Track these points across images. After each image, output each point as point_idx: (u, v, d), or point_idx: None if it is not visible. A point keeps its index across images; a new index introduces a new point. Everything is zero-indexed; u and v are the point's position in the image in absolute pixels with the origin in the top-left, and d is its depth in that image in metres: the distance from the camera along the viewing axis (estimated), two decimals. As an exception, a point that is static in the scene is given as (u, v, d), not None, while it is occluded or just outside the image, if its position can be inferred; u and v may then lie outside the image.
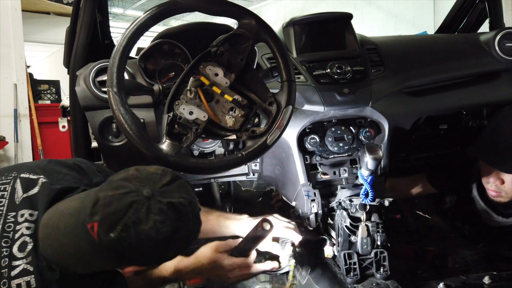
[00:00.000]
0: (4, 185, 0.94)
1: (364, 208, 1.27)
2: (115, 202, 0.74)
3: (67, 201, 0.87)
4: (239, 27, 1.13)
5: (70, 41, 1.57)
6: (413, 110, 1.51)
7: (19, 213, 0.88)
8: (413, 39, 1.83)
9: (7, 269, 0.81)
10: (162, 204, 0.76)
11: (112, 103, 1.02)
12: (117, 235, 0.73)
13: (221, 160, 1.08)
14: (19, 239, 0.84)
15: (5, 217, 0.87)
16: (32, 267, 0.82)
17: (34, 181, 0.94)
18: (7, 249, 0.83)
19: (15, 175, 0.95)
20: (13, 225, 0.86)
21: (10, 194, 0.91)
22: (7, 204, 0.90)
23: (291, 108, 1.10)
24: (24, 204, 0.89)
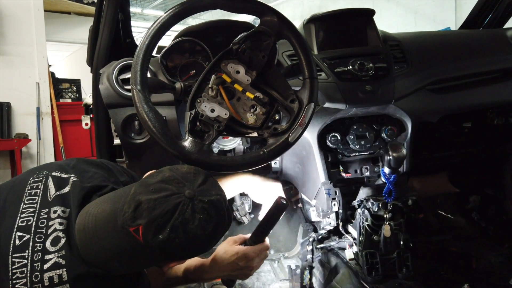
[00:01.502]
0: (36, 183, 0.96)
1: (386, 207, 1.25)
2: (160, 205, 0.78)
3: (98, 204, 0.88)
4: (261, 24, 1.12)
5: (93, 40, 1.60)
6: (437, 108, 1.48)
7: (52, 209, 0.90)
8: (436, 35, 1.78)
9: (39, 263, 0.83)
10: (203, 203, 0.81)
11: (136, 100, 1.03)
12: (166, 236, 0.77)
13: (243, 157, 1.08)
14: (52, 234, 0.86)
15: (38, 213, 0.90)
16: (64, 261, 0.83)
17: (65, 180, 0.97)
18: (40, 244, 0.85)
19: (47, 173, 0.98)
20: (46, 221, 0.88)
21: (42, 191, 0.94)
22: (40, 201, 0.92)
23: (314, 106, 1.09)
24: (56, 201, 0.91)
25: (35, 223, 0.88)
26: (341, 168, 1.43)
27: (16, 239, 0.85)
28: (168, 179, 0.83)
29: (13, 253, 0.84)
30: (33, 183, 0.97)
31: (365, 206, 1.32)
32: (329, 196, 1.36)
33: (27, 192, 0.94)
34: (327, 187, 1.38)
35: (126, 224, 0.78)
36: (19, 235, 0.86)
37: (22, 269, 0.82)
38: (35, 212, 0.90)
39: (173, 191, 0.80)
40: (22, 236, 0.86)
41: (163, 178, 0.84)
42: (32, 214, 0.90)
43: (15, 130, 4.30)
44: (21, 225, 0.88)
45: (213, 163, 1.05)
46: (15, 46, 4.32)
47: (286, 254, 2.08)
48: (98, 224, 0.84)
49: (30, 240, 0.85)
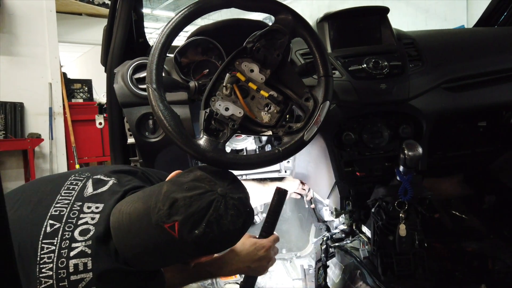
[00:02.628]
0: (76, 181, 1.02)
1: (402, 207, 1.23)
2: (196, 202, 0.83)
3: (129, 203, 0.92)
4: (276, 23, 1.12)
5: (107, 40, 1.61)
6: (452, 106, 1.46)
7: (86, 204, 0.94)
8: (451, 33, 1.76)
9: (66, 250, 0.86)
10: (234, 200, 0.88)
11: (152, 99, 1.03)
12: (201, 231, 0.82)
13: (258, 156, 1.07)
14: (82, 225, 0.90)
15: (71, 205, 0.94)
16: (90, 250, 0.86)
17: (104, 182, 1.01)
18: (69, 232, 0.88)
19: (88, 175, 1.03)
20: (78, 212, 0.92)
21: (80, 188, 0.98)
22: (76, 195, 0.96)
23: (329, 104, 1.08)
24: (92, 198, 0.96)
25: (67, 214, 0.92)
26: (355, 167, 1.42)
27: (48, 226, 0.89)
28: (201, 178, 0.89)
29: (43, 239, 0.87)
30: (73, 180, 1.02)
31: (380, 205, 1.31)
32: (342, 195, 1.36)
33: (65, 186, 0.99)
34: (341, 186, 1.37)
35: (161, 221, 0.83)
36: (50, 223, 0.90)
37: (49, 254, 0.86)
38: (69, 204, 0.94)
39: (207, 189, 0.86)
40: (53, 224, 0.90)
41: (195, 177, 0.89)
42: (66, 205, 0.94)
43: (28, 130, 4.35)
44: (54, 214, 0.91)
45: (228, 162, 1.05)
46: (28, 47, 4.37)
47: (299, 253, 2.08)
48: (133, 222, 0.87)
49: (60, 228, 0.89)
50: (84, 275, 0.84)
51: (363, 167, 1.44)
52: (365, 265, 1.41)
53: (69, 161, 4.71)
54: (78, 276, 0.84)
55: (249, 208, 0.92)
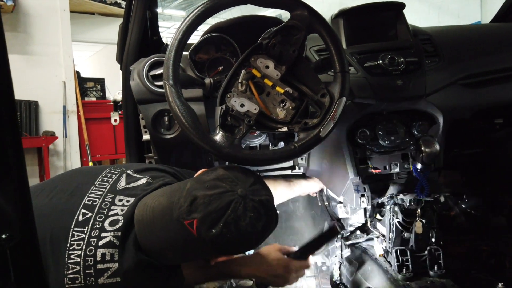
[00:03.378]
0: (111, 174, 1.05)
1: (419, 204, 1.22)
2: (215, 201, 0.83)
3: (155, 197, 0.93)
4: (291, 18, 1.12)
5: (123, 38, 1.62)
6: (470, 103, 1.44)
7: (118, 197, 0.96)
8: (468, 29, 1.74)
9: (96, 239, 0.88)
10: (254, 202, 0.86)
11: (169, 95, 1.04)
12: (218, 231, 0.82)
13: (274, 152, 1.08)
14: (112, 216, 0.92)
15: (104, 197, 0.96)
16: (117, 241, 0.88)
17: (137, 178, 1.04)
18: (99, 223, 0.91)
19: (122, 170, 1.06)
20: (109, 204, 0.95)
21: (113, 181, 1.01)
22: (109, 187, 0.99)
23: (345, 100, 1.08)
24: (124, 192, 0.98)
25: (99, 204, 0.94)
26: (370, 164, 1.41)
27: (80, 215, 0.92)
28: (223, 177, 0.88)
29: (75, 226, 0.90)
30: (108, 173, 1.05)
31: (396, 202, 1.30)
32: (358, 193, 1.35)
33: (100, 178, 1.02)
34: (356, 183, 1.36)
35: (182, 217, 0.83)
36: (83, 212, 0.92)
37: (79, 242, 0.88)
38: (102, 195, 0.97)
39: (227, 188, 0.85)
40: (86, 213, 0.92)
41: (217, 176, 0.89)
42: (98, 196, 0.96)
43: (43, 128, 4.42)
44: (87, 203, 0.94)
45: (244, 157, 1.06)
46: (42, 46, 4.43)
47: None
48: (155, 216, 0.88)
49: (92, 217, 0.91)
50: (110, 265, 0.86)
51: (378, 164, 1.43)
52: (380, 262, 1.40)
53: (83, 158, 4.77)
54: (105, 265, 0.85)
55: (271, 212, 0.90)
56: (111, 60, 1.91)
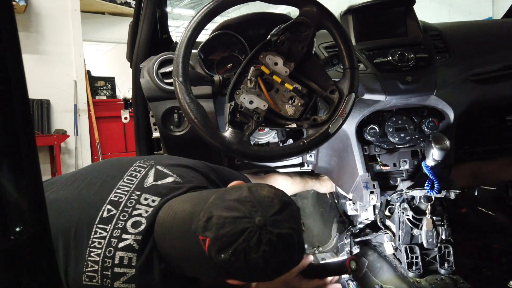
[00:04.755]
0: (140, 168, 1.03)
1: (429, 200, 1.22)
2: (228, 225, 0.77)
3: (181, 202, 0.90)
4: (300, 15, 1.12)
5: (133, 36, 1.64)
6: (481, 99, 1.43)
7: (144, 195, 0.94)
8: (479, 24, 1.72)
9: (116, 240, 0.87)
10: (272, 235, 0.76)
11: (178, 92, 1.05)
12: (227, 258, 0.76)
13: (283, 148, 1.08)
14: (135, 217, 0.90)
15: (130, 194, 0.95)
16: (137, 246, 0.86)
17: (166, 174, 1.01)
18: (122, 222, 0.89)
19: (152, 163, 1.04)
20: (134, 202, 0.93)
21: (141, 177, 0.99)
22: (136, 184, 0.97)
23: (354, 96, 1.07)
24: (150, 189, 0.96)
25: (124, 202, 0.93)
26: (379, 161, 1.40)
27: (105, 211, 0.91)
28: (244, 199, 0.80)
29: (98, 223, 0.89)
30: (137, 166, 1.03)
31: (405, 199, 1.29)
32: (367, 190, 1.34)
33: (129, 172, 1.01)
34: (365, 180, 1.36)
35: (197, 231, 0.79)
36: (108, 208, 0.91)
37: (100, 240, 0.87)
38: (128, 192, 0.95)
39: (245, 214, 0.77)
40: (111, 209, 0.91)
41: (239, 197, 0.81)
42: (125, 192, 0.95)
43: (54, 126, 4.48)
44: (113, 199, 0.93)
45: (253, 154, 1.06)
46: (53, 46, 4.49)
47: (320, 248, 2.07)
48: (176, 222, 0.85)
49: (115, 215, 0.90)
50: (127, 270, 0.84)
51: (388, 160, 1.42)
52: (389, 259, 1.40)
53: (93, 156, 4.82)
54: (121, 269, 0.84)
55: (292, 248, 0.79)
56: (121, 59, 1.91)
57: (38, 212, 0.62)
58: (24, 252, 0.59)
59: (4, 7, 0.43)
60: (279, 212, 0.79)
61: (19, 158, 0.54)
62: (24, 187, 0.58)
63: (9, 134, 0.50)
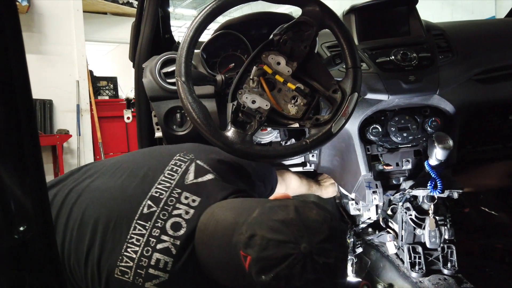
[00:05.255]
0: (180, 162, 1.02)
1: (432, 200, 1.21)
2: (272, 248, 0.72)
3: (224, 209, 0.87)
4: (303, 14, 1.12)
5: (136, 36, 1.64)
6: (484, 98, 1.42)
7: (184, 194, 0.94)
8: (483, 24, 1.71)
9: (155, 240, 0.86)
10: (317, 264, 0.72)
11: (181, 91, 1.05)
12: (267, 280, 0.72)
13: (285, 147, 1.08)
14: (176, 217, 0.90)
15: (171, 191, 0.94)
16: (175, 251, 0.85)
17: (206, 171, 1.01)
18: (162, 222, 0.88)
19: (192, 158, 1.04)
20: (175, 200, 0.92)
21: (182, 172, 0.99)
22: (177, 180, 0.97)
23: (357, 96, 1.07)
24: (191, 188, 0.95)
25: (165, 199, 0.92)
26: (381, 160, 1.40)
27: (145, 206, 0.90)
28: (290, 221, 0.75)
29: (138, 218, 0.88)
30: (177, 160, 1.02)
31: (408, 199, 1.29)
32: (369, 189, 1.34)
33: (170, 166, 1.00)
34: (368, 180, 1.36)
35: (239, 245, 0.76)
36: (148, 204, 0.91)
37: (139, 237, 0.86)
38: (169, 188, 0.95)
39: (290, 238, 0.72)
40: (151, 206, 0.91)
41: (285, 218, 0.75)
42: (166, 189, 0.94)
43: (57, 126, 4.49)
44: (154, 195, 0.92)
45: (255, 153, 1.06)
46: (56, 46, 4.50)
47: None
48: (218, 231, 0.83)
49: (156, 213, 0.89)
50: (161, 274, 0.83)
51: (390, 160, 1.42)
52: (392, 259, 1.40)
53: (96, 156, 4.83)
54: (156, 272, 0.83)
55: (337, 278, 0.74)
56: (123, 59, 1.92)
57: (41, 211, 0.63)
58: (28, 251, 0.59)
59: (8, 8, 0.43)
60: (327, 240, 0.74)
61: (22, 157, 0.54)
62: (27, 186, 0.58)
63: (13, 133, 0.50)
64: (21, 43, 0.48)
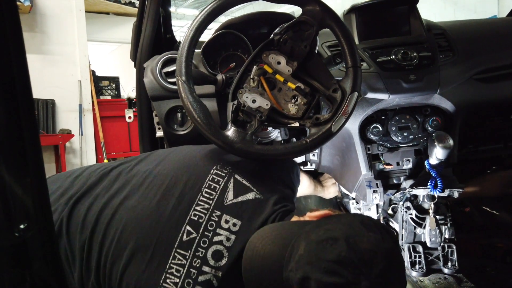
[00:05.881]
0: (218, 177, 0.96)
1: (433, 199, 1.21)
2: None
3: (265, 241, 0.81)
4: (303, 14, 1.12)
5: (137, 36, 1.65)
6: (485, 98, 1.42)
7: (224, 217, 0.88)
8: (483, 23, 1.71)
9: (196, 271, 0.82)
10: None
11: (181, 91, 1.05)
12: None
13: (285, 147, 1.08)
14: (217, 244, 0.85)
15: (210, 214, 0.88)
16: (217, 283, 0.81)
17: (246, 189, 0.95)
18: (203, 251, 0.84)
19: (230, 171, 0.98)
20: (215, 225, 0.87)
21: (221, 191, 0.93)
22: (216, 200, 0.91)
23: (357, 95, 1.07)
24: (231, 209, 0.89)
25: (205, 223, 0.87)
26: (382, 159, 1.40)
27: (185, 233, 0.85)
28: (344, 259, 0.68)
29: (178, 247, 0.84)
30: (215, 175, 0.96)
31: (408, 198, 1.29)
32: (370, 189, 1.34)
33: (207, 183, 0.94)
34: (368, 179, 1.36)
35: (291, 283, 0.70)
36: (188, 230, 0.86)
37: (179, 268, 0.82)
38: (208, 211, 0.89)
39: (348, 279, 0.66)
40: (190, 232, 0.86)
41: (338, 257, 0.68)
42: (205, 212, 0.89)
43: (59, 126, 4.51)
44: (193, 219, 0.87)
45: (256, 152, 1.06)
46: (58, 46, 4.52)
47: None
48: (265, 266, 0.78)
49: (196, 240, 0.85)
50: None
51: (391, 159, 1.42)
52: (392, 258, 1.40)
53: (98, 156, 4.85)
54: None
55: None
56: (125, 59, 1.93)
57: (42, 209, 0.63)
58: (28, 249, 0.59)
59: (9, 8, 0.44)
60: (385, 269, 0.68)
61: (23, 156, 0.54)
62: (28, 184, 0.59)
63: (14, 132, 0.50)
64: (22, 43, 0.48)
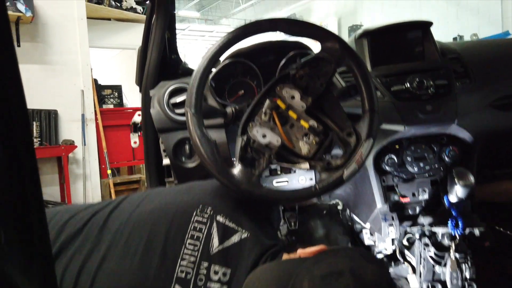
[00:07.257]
0: (200, 224, 0.90)
1: (453, 238, 1.17)
2: None
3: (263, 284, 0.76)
4: (322, 50, 1.08)
5: (142, 61, 1.60)
6: (503, 126, 1.37)
7: (213, 268, 0.84)
8: (500, 44, 1.66)
9: None
10: None
11: (190, 124, 1.02)
12: None
13: (293, 192, 1.04)
14: None
15: (198, 267, 0.84)
16: None
17: (231, 230, 0.90)
18: None
19: (211, 214, 0.92)
20: (204, 279, 0.83)
21: (205, 239, 0.88)
22: (201, 250, 0.86)
23: (372, 142, 1.03)
24: (218, 258, 0.85)
25: (194, 279, 0.82)
26: (398, 191, 1.35)
27: None
28: None
29: None
30: (196, 223, 0.91)
31: (426, 234, 1.25)
32: (386, 222, 1.30)
33: (189, 233, 0.89)
34: (384, 212, 1.31)
35: None
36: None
37: None
38: (195, 264, 0.84)
39: None
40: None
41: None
42: (192, 265, 0.84)
43: (62, 136, 4.47)
44: (180, 276, 0.82)
45: (261, 195, 1.02)
46: (60, 55, 4.48)
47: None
48: None
49: None
50: None
51: (406, 190, 1.37)
52: (409, 294, 1.35)
53: (101, 166, 4.81)
54: None
55: None
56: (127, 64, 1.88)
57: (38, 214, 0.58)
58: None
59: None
60: None
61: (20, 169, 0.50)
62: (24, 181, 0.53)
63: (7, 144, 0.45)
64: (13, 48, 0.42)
